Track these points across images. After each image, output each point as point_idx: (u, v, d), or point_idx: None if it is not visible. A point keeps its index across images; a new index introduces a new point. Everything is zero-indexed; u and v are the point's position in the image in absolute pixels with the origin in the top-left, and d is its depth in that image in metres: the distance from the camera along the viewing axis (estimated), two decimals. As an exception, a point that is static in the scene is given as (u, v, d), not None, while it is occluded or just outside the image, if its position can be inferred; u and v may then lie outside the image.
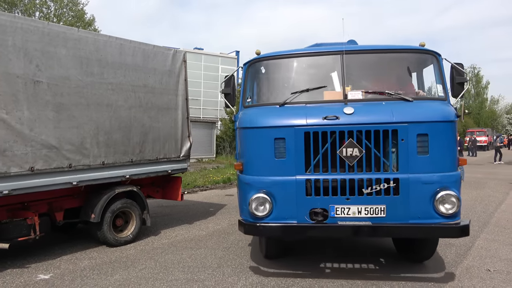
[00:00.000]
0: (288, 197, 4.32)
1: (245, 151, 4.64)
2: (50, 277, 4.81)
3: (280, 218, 4.34)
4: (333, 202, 4.27)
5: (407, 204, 4.18)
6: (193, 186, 12.42)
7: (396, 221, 4.18)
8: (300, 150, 4.32)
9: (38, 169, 5.02)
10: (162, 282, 4.60)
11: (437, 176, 4.19)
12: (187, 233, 6.92)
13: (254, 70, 5.23)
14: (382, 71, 5.12)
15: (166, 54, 7.02)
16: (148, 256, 5.63)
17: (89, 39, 5.73)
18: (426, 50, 4.90)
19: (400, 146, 4.19)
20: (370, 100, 4.58)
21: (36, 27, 5.06)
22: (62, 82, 5.32)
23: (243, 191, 4.57)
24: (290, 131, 4.34)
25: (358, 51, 4.93)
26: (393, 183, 4.20)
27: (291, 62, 5.15)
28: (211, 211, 8.83)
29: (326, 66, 4.92)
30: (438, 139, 4.22)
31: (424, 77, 5.24)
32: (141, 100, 6.49)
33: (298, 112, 4.46)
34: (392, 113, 4.25)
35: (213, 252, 5.75)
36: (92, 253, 5.79)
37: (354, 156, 4.23)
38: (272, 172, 4.39)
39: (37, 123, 5.02)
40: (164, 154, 6.93)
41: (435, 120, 4.25)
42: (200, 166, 17.31)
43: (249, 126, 4.58)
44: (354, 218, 4.23)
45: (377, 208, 4.22)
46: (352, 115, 4.27)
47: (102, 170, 5.90)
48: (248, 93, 5.20)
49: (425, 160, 4.20)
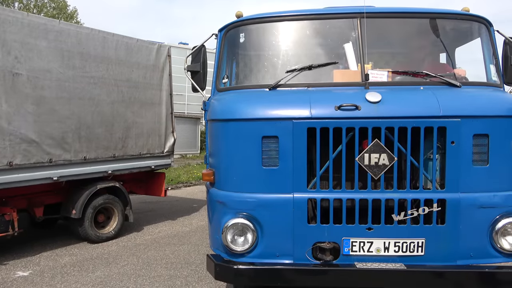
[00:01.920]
0: (281, 224, 2.97)
1: (219, 154, 3.24)
2: (29, 274, 4.72)
3: (268, 255, 3.00)
4: (348, 233, 2.94)
5: (455, 238, 2.92)
6: (177, 182, 12.34)
7: (439, 262, 2.91)
8: (301, 155, 2.95)
9: (17, 164, 4.90)
10: (144, 279, 4.57)
11: (500, 197, 2.95)
12: (170, 229, 6.88)
13: (233, 39, 3.69)
14: (413, 43, 3.78)
15: (150, 49, 6.93)
16: (130, 252, 5.57)
17: (71, 32, 5.61)
18: (476, 16, 3.50)
19: (449, 151, 2.90)
20: (399, 83, 3.29)
21: (15, 17, 4.92)
22: (43, 75, 5.20)
23: (214, 213, 3.22)
24: (287, 126, 2.94)
25: (384, 14, 3.49)
26: (438, 207, 2.91)
27: (286, 27, 3.63)
28: (194, 207, 8.79)
29: (337, 34, 3.54)
30: (502, 143, 2.96)
31: (458, 53, 3.92)
32: (124, 95, 6.40)
33: (299, 98, 3.09)
34: (438, 103, 2.90)
35: (196, 248, 5.73)
36: (73, 249, 5.70)
37: (381, 165, 2.87)
38: (258, 187, 3.02)
39: (16, 117, 4.89)
40: (147, 150, 6.85)
41: (498, 114, 2.95)
42: (184, 162, 17.21)
43: (225, 118, 3.15)
44: (379, 258, 2.92)
45: (412, 242, 2.91)
46: (380, 104, 2.90)
47: (84, 166, 5.80)
48: (224, 71, 3.71)
49: (483, 172, 2.93)
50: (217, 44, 3.79)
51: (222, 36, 3.70)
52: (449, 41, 3.75)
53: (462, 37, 3.83)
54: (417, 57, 3.75)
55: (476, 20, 3.51)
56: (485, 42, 3.53)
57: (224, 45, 3.69)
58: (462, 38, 3.85)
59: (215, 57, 3.75)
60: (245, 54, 3.84)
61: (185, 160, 18.30)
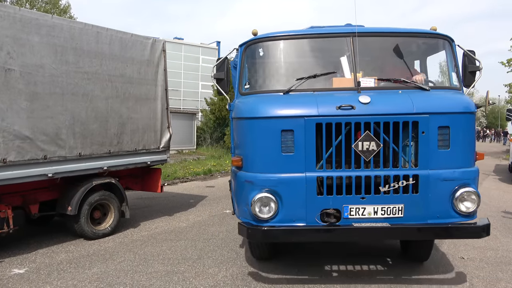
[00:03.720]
0: (297, 196, 3.83)
1: (246, 144, 4.09)
2: (25, 271, 4.69)
3: (287, 220, 3.86)
4: (347, 201, 3.81)
5: (426, 203, 3.81)
6: (173, 177, 12.31)
7: (414, 222, 3.81)
8: (311, 144, 3.80)
9: (11, 161, 4.85)
10: (141, 275, 4.55)
11: (458, 172, 3.85)
12: (167, 225, 6.86)
13: (252, 53, 4.58)
14: (393, 56, 4.59)
15: (145, 44, 6.87)
16: (127, 248, 5.56)
17: (64, 26, 5.54)
18: (440, 35, 4.46)
19: (421, 139, 3.79)
20: (383, 88, 4.17)
21: (7, 12, 4.84)
22: (36, 70, 5.14)
23: (243, 190, 4.01)
24: (300, 122, 3.81)
25: (371, 34, 4.47)
26: (413, 180, 3.79)
27: (295, 44, 4.59)
28: (191, 202, 8.78)
29: (334, 49, 4.47)
30: (459, 132, 3.88)
31: (427, 64, 4.90)
32: (119, 90, 6.34)
33: (308, 100, 3.93)
34: (412, 103, 3.81)
35: (193, 244, 5.72)
36: (69, 246, 5.67)
37: (371, 150, 3.76)
38: (278, 168, 3.86)
39: (9, 113, 4.83)
40: (143, 145, 6.82)
41: (457, 111, 3.89)
42: (181, 158, 17.17)
43: (251, 116, 4.00)
44: (370, 219, 3.80)
45: (394, 207, 3.81)
46: (369, 105, 3.78)
47: (79, 162, 5.76)
48: (245, 78, 4.55)
49: (446, 155, 3.84)
50: (239, 57, 4.63)
51: (243, 51, 4.54)
52: (421, 53, 4.85)
53: (431, 50, 4.80)
54: (397, 67, 4.55)
55: (441, 37, 4.46)
56: (448, 54, 4.47)
57: (244, 57, 4.54)
58: (431, 51, 4.82)
59: (237, 67, 4.63)
60: (262, 65, 4.71)
61: (182, 155, 18.25)
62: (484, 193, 10.16)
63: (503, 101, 50.71)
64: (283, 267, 4.76)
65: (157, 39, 7.20)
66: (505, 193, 10.28)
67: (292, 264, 4.85)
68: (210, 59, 36.33)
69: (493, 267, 4.80)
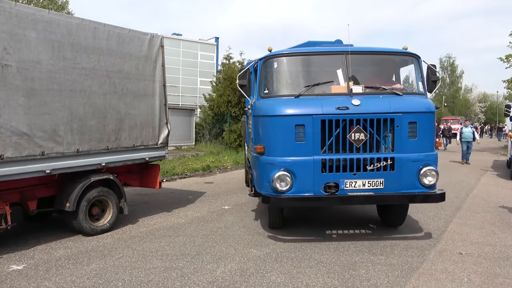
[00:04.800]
0: (306, 173, 5.16)
1: (267, 136, 5.40)
2: (24, 268, 4.68)
3: (299, 191, 5.18)
4: (343, 177, 5.20)
5: (400, 178, 5.22)
6: (172, 174, 12.30)
7: (391, 191, 5.21)
8: (317, 135, 5.14)
9: (8, 157, 4.83)
10: (140, 271, 4.55)
11: (422, 155, 5.26)
12: (165, 221, 6.86)
13: (269, 65, 5.85)
14: (375, 69, 6.15)
15: (143, 39, 6.83)
16: (125, 244, 5.55)
17: (61, 22, 5.50)
18: (410, 53, 5.88)
19: (396, 131, 5.21)
20: (369, 93, 5.47)
21: (3, 7, 4.80)
22: (33, 66, 5.10)
23: (265, 170, 5.31)
24: (309, 119, 5.14)
25: (359, 52, 5.82)
26: (390, 161, 5.20)
27: (302, 59, 6.00)
28: (190, 199, 8.77)
29: (332, 64, 5.84)
30: (423, 126, 5.28)
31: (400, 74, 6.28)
32: (116, 86, 6.31)
33: (314, 103, 5.26)
34: (390, 105, 5.23)
35: (192, 240, 5.72)
36: (68, 242, 5.67)
37: (360, 139, 5.13)
38: (293, 153, 5.18)
39: (6, 109, 4.81)
40: (141, 142, 6.80)
41: (422, 111, 5.32)
42: (179, 154, 17.13)
43: (272, 114, 5.31)
44: (361, 190, 5.20)
45: (377, 181, 5.22)
46: (359, 106, 5.14)
47: (77, 158, 5.74)
48: (264, 85, 5.80)
49: (414, 142, 5.25)
50: (258, 69, 5.90)
51: (262, 63, 5.84)
52: (396, 66, 6.16)
53: (403, 64, 6.16)
54: (378, 77, 6.01)
55: (411, 55, 5.87)
56: (416, 68, 5.87)
57: (263, 69, 5.82)
58: (403, 65, 6.18)
59: (257, 76, 5.92)
60: (277, 74, 5.99)
61: (180, 152, 18.21)
62: (482, 188, 10.19)
63: (502, 97, 50.71)
64: (293, 233, 6.08)
65: (155, 34, 7.16)
66: (503, 188, 10.30)
67: (299, 231, 6.15)
68: (208, 55, 36.24)
69: (491, 263, 4.82)
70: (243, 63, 21.51)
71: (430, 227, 6.39)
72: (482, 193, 9.52)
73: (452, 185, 10.58)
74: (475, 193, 9.51)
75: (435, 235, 5.96)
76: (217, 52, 36.66)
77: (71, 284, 4.20)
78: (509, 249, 5.31)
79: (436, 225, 6.50)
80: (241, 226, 6.45)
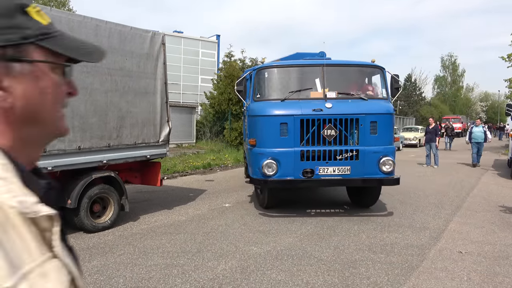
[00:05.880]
0: (289, 161, 6.38)
1: (258, 131, 6.65)
2: (25, 264, 4.70)
3: (283, 175, 6.41)
4: (318, 164, 6.42)
5: (363, 165, 6.43)
6: (173, 171, 12.32)
7: (356, 176, 6.42)
8: (297, 131, 6.37)
9: (10, 154, 4.84)
10: (141, 268, 4.58)
11: (381, 148, 6.47)
12: (166, 218, 6.89)
13: (261, 75, 7.20)
14: (346, 78, 7.39)
15: (144, 37, 6.84)
16: (126, 241, 5.58)
17: (63, 19, 5.51)
18: (376, 66, 7.24)
19: (360, 129, 6.44)
20: (340, 98, 6.72)
21: (5, 5, 4.81)
22: (34, 63, 5.10)
23: (256, 159, 6.57)
24: (291, 118, 6.39)
25: (333, 65, 7.20)
26: (355, 152, 6.42)
27: (287, 70, 7.33)
28: (191, 196, 8.79)
29: (312, 74, 7.10)
30: (382, 125, 6.50)
31: (372, 82, 7.52)
32: (118, 84, 6.32)
33: (296, 105, 6.50)
34: (355, 108, 6.48)
35: (192, 237, 5.75)
36: (69, 239, 5.68)
37: (331, 135, 6.39)
38: (278, 145, 6.42)
39: (8, 106, 4.82)
40: (142, 139, 6.81)
41: (381, 112, 6.55)
42: (180, 151, 17.15)
43: (264, 115, 6.59)
44: (331, 175, 6.43)
45: (345, 168, 6.45)
46: (331, 109, 6.41)
47: (78, 155, 5.76)
48: (257, 91, 7.10)
49: (374, 138, 6.45)
50: (252, 77, 7.21)
51: (255, 73, 7.16)
52: (365, 76, 7.54)
53: (371, 74, 7.47)
54: (349, 85, 7.23)
55: (377, 67, 7.25)
56: (381, 77, 7.19)
57: (256, 78, 7.14)
58: (371, 74, 7.48)
59: (251, 83, 7.26)
60: (267, 82, 7.29)
61: (181, 149, 18.24)
62: (483, 188, 10.19)
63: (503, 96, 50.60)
64: (280, 211, 7.33)
65: (156, 32, 7.16)
66: (503, 188, 10.30)
67: (286, 210, 7.48)
68: (210, 53, 36.17)
69: (491, 262, 4.83)
70: (244, 60, 21.51)
71: (430, 225, 6.41)
72: (483, 192, 9.53)
73: (452, 184, 10.59)
74: (475, 192, 9.51)
75: (435, 233, 5.97)
76: (218, 49, 36.60)
77: (73, 281, 4.22)
78: (509, 248, 5.33)
79: (436, 224, 6.51)
80: (242, 224, 6.47)
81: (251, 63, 21.42)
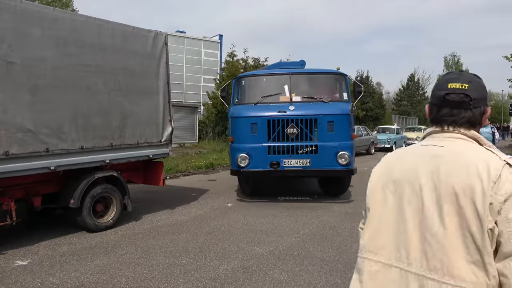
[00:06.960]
0: (259, 155, 7.57)
1: (235, 130, 7.96)
2: (28, 263, 4.72)
3: (254, 167, 7.60)
4: (282, 158, 7.55)
5: (322, 158, 7.50)
6: (175, 171, 12.32)
7: (316, 167, 7.53)
8: (265, 130, 7.57)
9: (13, 154, 4.87)
10: (143, 267, 4.58)
11: (338, 144, 7.50)
12: (168, 218, 6.89)
13: (240, 82, 8.63)
14: (312, 84, 8.54)
15: (147, 36, 6.84)
16: (129, 241, 5.58)
17: (66, 19, 5.52)
18: (339, 73, 8.48)
19: (319, 127, 7.54)
20: (304, 101, 7.97)
21: (8, 4, 4.82)
22: (38, 63, 5.13)
23: (233, 153, 7.81)
24: (260, 119, 7.62)
25: (298, 73, 8.44)
26: (314, 147, 7.52)
27: (261, 78, 8.75)
28: (193, 196, 8.80)
29: (281, 81, 8.27)
30: (339, 124, 7.57)
31: (336, 87, 8.55)
32: (121, 84, 6.33)
33: (265, 108, 7.71)
34: (315, 109, 7.64)
35: (195, 237, 5.75)
36: (72, 238, 5.71)
37: (294, 133, 7.54)
38: (250, 141, 7.63)
39: (11, 106, 4.84)
40: (145, 139, 6.82)
41: (337, 113, 7.64)
42: (183, 151, 17.16)
43: (238, 116, 7.92)
44: (294, 166, 7.56)
45: (305, 160, 7.54)
46: (294, 111, 7.58)
47: (81, 155, 5.77)
48: (236, 96, 8.51)
49: (332, 135, 7.53)
50: (232, 85, 8.80)
51: (235, 81, 8.71)
52: (330, 82, 8.64)
53: (335, 80, 8.58)
54: (314, 90, 8.35)
55: (340, 74, 8.49)
56: (344, 83, 8.43)
57: (236, 85, 8.60)
58: (335, 81, 8.58)
59: (232, 90, 8.90)
60: (244, 88, 8.60)
61: (183, 149, 18.25)
62: (486, 188, 10.14)
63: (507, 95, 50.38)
64: (256, 198, 8.51)
65: (159, 32, 7.17)
66: (507, 188, 10.24)
67: (260, 197, 8.60)
68: (212, 53, 36.17)
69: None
70: (246, 60, 21.50)
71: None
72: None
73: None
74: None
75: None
76: (220, 49, 36.59)
77: (75, 280, 4.23)
78: None
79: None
80: (244, 224, 6.47)
81: (253, 63, 21.42)
